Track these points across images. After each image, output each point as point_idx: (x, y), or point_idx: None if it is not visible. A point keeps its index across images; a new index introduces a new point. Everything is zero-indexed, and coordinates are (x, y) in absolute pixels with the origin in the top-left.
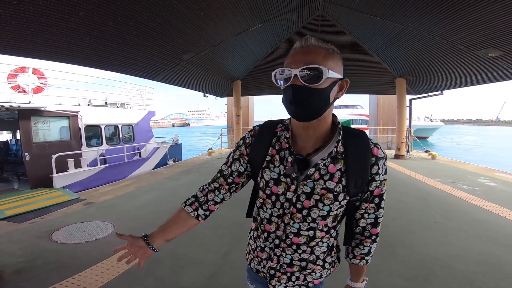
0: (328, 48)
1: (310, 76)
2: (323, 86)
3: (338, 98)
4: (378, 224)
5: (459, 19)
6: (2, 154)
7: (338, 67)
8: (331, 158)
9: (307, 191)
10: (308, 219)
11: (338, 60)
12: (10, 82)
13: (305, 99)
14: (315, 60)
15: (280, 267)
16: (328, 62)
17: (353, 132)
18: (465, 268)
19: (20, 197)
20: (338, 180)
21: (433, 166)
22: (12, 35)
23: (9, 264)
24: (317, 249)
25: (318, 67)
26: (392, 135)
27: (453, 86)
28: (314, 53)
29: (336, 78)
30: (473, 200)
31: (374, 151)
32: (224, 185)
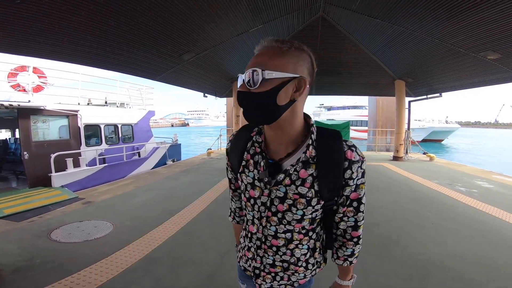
0: (282, 46)
1: (251, 79)
2: (265, 89)
3: (295, 99)
4: (359, 228)
5: (458, 22)
6: (1, 153)
7: (291, 66)
8: (302, 163)
9: (280, 195)
10: (283, 222)
11: (293, 57)
12: (10, 81)
13: (249, 104)
14: (261, 62)
15: (263, 267)
16: (275, 62)
17: (327, 134)
18: (460, 268)
19: (19, 196)
20: (310, 185)
21: (431, 168)
22: (15, 34)
23: (8, 263)
24: (297, 251)
25: (255, 70)
26: (391, 136)
27: (452, 88)
28: (262, 55)
29: (284, 78)
30: (469, 202)
31: (348, 155)
32: (232, 193)
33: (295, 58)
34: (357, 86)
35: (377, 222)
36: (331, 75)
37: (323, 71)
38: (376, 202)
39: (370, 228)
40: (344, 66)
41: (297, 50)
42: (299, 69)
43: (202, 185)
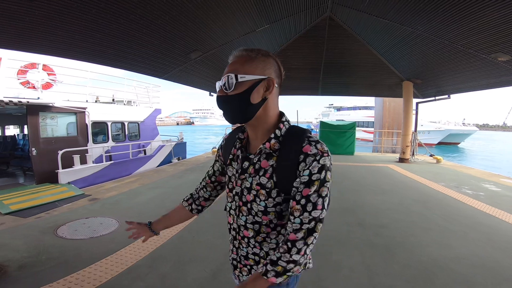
0: (250, 54)
1: (226, 84)
2: (239, 91)
3: (266, 97)
4: (300, 231)
5: (469, 23)
6: (9, 148)
7: (259, 69)
8: (266, 154)
9: (247, 185)
10: (252, 212)
11: (261, 62)
12: (19, 78)
13: (227, 106)
14: (234, 69)
15: (239, 259)
16: (245, 67)
17: (296, 130)
18: (464, 270)
19: (26, 192)
20: (269, 176)
21: (438, 170)
22: (26, 32)
23: (14, 259)
24: (265, 245)
25: (229, 75)
26: (397, 138)
27: (461, 90)
28: (234, 63)
29: (254, 79)
30: (476, 205)
31: (305, 148)
32: (209, 183)
33: (262, 63)
34: (363, 87)
35: (382, 224)
36: (338, 75)
37: (330, 71)
38: (382, 203)
39: (375, 229)
40: (351, 67)
41: (264, 56)
42: (267, 71)
43: None
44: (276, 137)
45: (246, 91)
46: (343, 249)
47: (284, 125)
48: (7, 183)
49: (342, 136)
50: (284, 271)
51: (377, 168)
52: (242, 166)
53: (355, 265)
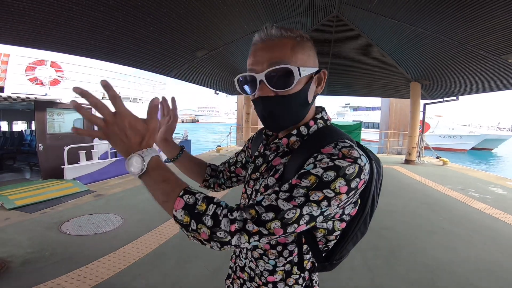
0: (295, 36)
1: (279, 79)
2: (297, 89)
3: (318, 94)
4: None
5: (481, 24)
6: (16, 144)
7: (311, 58)
8: (283, 152)
9: (257, 188)
10: None
11: (310, 49)
12: (28, 74)
13: (279, 110)
14: (282, 56)
15: (235, 268)
16: (298, 56)
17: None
18: (469, 274)
19: (32, 188)
20: (278, 177)
21: (444, 172)
22: (35, 29)
23: (17, 255)
24: (260, 263)
25: (287, 67)
26: (404, 139)
27: (470, 92)
28: (279, 46)
29: (311, 73)
30: (482, 208)
31: (325, 149)
32: (226, 171)
33: (311, 50)
34: (370, 88)
35: (387, 226)
36: (345, 75)
37: (336, 71)
38: (386, 205)
39: (379, 231)
40: (358, 67)
41: (308, 40)
42: (316, 61)
43: None
44: (299, 135)
45: (304, 88)
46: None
47: (316, 122)
48: (13, 178)
49: None
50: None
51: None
52: (256, 162)
53: (357, 266)
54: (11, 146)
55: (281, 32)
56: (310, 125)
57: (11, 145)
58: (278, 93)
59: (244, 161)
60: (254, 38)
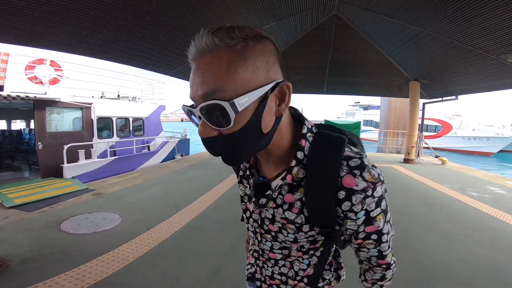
0: (236, 42)
1: (215, 116)
2: (242, 124)
3: (281, 114)
4: (385, 257)
5: (480, 23)
6: (15, 142)
7: (261, 72)
8: (288, 186)
9: (269, 216)
10: (278, 240)
11: (258, 57)
12: (27, 73)
13: (229, 151)
14: (214, 82)
15: (264, 278)
16: (238, 75)
17: (325, 146)
18: (466, 272)
19: (31, 186)
20: (298, 211)
21: (443, 171)
22: (34, 27)
23: (16, 253)
24: (296, 264)
25: (216, 105)
26: (403, 139)
27: (469, 91)
28: (211, 67)
29: (262, 95)
30: (480, 207)
31: (346, 182)
32: None
33: (257, 57)
34: (370, 87)
35: None
36: (344, 74)
37: (336, 70)
38: None
39: None
40: (357, 66)
41: (255, 41)
42: (272, 69)
43: (210, 180)
44: (298, 163)
45: (253, 119)
46: (343, 250)
47: (306, 139)
48: (12, 177)
49: None
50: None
51: (381, 168)
52: (259, 202)
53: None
54: (10, 144)
55: (214, 40)
56: (303, 146)
57: (9, 144)
58: (222, 131)
59: None
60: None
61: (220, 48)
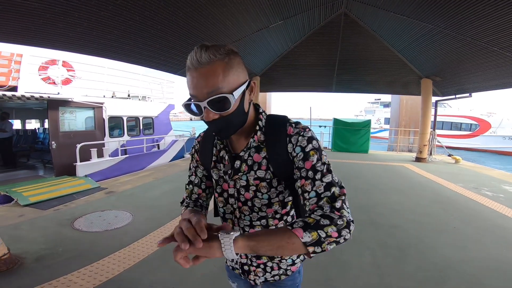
0: (224, 56)
1: (219, 104)
2: (235, 107)
3: (253, 98)
4: (322, 202)
5: (493, 20)
6: (30, 142)
7: (241, 74)
8: (255, 148)
9: (243, 184)
10: (255, 209)
11: (238, 65)
12: (41, 74)
13: (226, 126)
14: (216, 83)
15: (250, 261)
16: (230, 78)
17: (276, 119)
18: (479, 273)
19: (45, 184)
20: (266, 167)
21: (456, 170)
22: (46, 28)
23: (31, 251)
24: None
25: (223, 96)
26: (414, 137)
27: (484, 88)
28: (211, 74)
29: (243, 89)
30: (495, 207)
31: (288, 131)
32: (201, 193)
33: (237, 65)
34: (380, 84)
35: (396, 224)
36: (353, 72)
37: (345, 68)
38: (396, 204)
39: (388, 230)
40: (366, 64)
41: (233, 55)
42: (244, 72)
43: None
44: (260, 129)
45: (240, 104)
46: (353, 248)
47: (263, 116)
48: (27, 175)
49: (356, 134)
50: (316, 225)
51: (392, 167)
52: (234, 165)
53: (366, 265)
54: (25, 144)
55: (210, 56)
56: (262, 119)
57: (24, 143)
58: (222, 114)
59: (205, 172)
60: (187, 63)
61: (214, 61)
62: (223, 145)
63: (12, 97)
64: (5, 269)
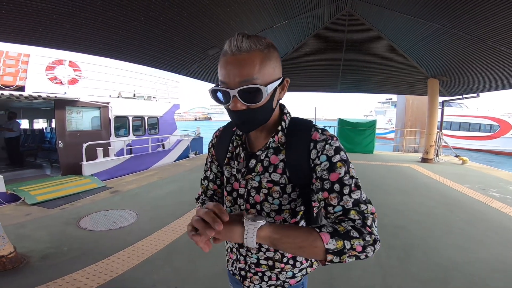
0: (264, 47)
1: (250, 95)
2: (265, 101)
3: (281, 98)
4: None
5: (501, 19)
6: (37, 141)
7: (277, 69)
8: (273, 149)
9: (255, 185)
10: (263, 214)
11: (276, 59)
12: (48, 74)
13: (251, 119)
14: (251, 73)
15: (248, 267)
16: (266, 71)
17: (300, 121)
18: (484, 274)
19: (52, 183)
20: (282, 171)
21: (463, 171)
22: (53, 29)
23: (37, 249)
24: None
25: (257, 87)
26: (421, 137)
27: (491, 88)
28: (249, 62)
29: (277, 85)
30: (502, 208)
31: (313, 136)
32: (217, 189)
33: (275, 59)
34: (385, 84)
35: (401, 225)
36: (358, 72)
37: (350, 68)
38: (401, 204)
39: (393, 230)
40: (372, 64)
41: (273, 48)
42: (280, 69)
43: None
44: (282, 130)
45: (270, 99)
46: None
47: (287, 117)
48: (34, 174)
49: (361, 134)
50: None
51: (398, 167)
52: (249, 164)
53: (369, 265)
54: (32, 143)
55: (250, 44)
56: (285, 119)
57: (32, 142)
58: (250, 106)
59: (219, 168)
60: (224, 48)
61: (254, 50)
62: (241, 141)
63: (19, 96)
64: (11, 268)
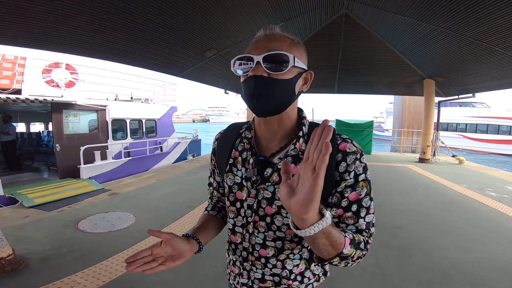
0: (293, 38)
1: (275, 62)
2: (289, 76)
3: (302, 91)
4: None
5: (495, 20)
6: (34, 144)
7: (303, 58)
8: (292, 157)
9: (268, 196)
10: (272, 227)
11: (303, 51)
12: (44, 77)
13: (269, 91)
14: (280, 46)
15: (252, 283)
16: (294, 51)
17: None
18: (483, 274)
19: (50, 186)
20: None
21: (460, 171)
22: (50, 31)
23: (36, 251)
24: (288, 263)
25: (284, 53)
26: (417, 138)
27: (486, 88)
28: (279, 40)
29: (301, 68)
30: (499, 207)
31: (341, 146)
32: (220, 197)
33: (304, 53)
34: (382, 85)
35: (400, 225)
36: (355, 73)
37: (347, 69)
38: (400, 205)
39: (392, 230)
40: (369, 65)
41: (303, 46)
42: (305, 61)
43: None
44: (303, 136)
45: (294, 78)
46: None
47: (306, 121)
48: (32, 178)
49: (359, 135)
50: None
51: (395, 168)
52: (264, 174)
53: (368, 265)
54: (29, 146)
55: (283, 32)
56: (306, 125)
57: (29, 146)
58: (271, 75)
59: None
60: (257, 33)
61: (286, 37)
62: (250, 145)
63: (16, 100)
64: (10, 270)
